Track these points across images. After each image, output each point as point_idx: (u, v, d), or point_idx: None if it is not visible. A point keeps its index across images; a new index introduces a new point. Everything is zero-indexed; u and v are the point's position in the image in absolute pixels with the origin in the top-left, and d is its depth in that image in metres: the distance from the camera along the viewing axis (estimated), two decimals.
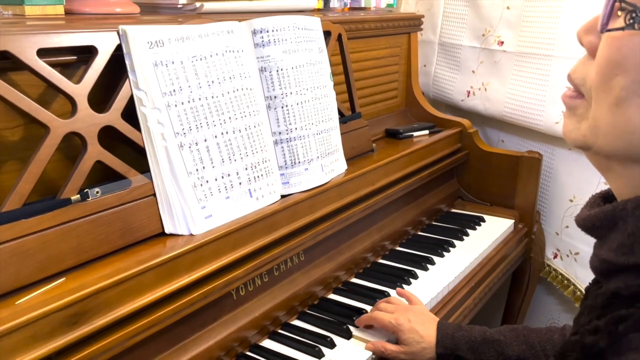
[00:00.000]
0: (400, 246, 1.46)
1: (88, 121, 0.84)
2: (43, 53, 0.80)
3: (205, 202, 0.95)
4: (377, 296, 1.18)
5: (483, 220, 1.63)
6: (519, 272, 1.70)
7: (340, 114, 1.31)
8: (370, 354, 1.03)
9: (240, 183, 1.01)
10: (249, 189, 1.03)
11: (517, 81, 1.72)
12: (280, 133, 1.11)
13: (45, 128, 0.79)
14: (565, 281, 1.72)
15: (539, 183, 1.64)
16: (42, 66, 0.79)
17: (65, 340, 0.71)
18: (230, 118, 1.01)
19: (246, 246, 0.98)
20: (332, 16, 1.47)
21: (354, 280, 1.29)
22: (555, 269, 1.75)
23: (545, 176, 1.71)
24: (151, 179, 0.91)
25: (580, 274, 1.67)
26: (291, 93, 1.11)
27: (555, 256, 1.75)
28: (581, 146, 0.56)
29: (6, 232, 0.73)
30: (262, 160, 1.06)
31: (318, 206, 1.14)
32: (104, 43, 0.87)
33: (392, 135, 1.63)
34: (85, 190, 0.82)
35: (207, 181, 0.96)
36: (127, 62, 0.88)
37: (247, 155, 1.03)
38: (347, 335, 1.07)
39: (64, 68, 0.85)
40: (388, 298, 1.15)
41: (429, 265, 1.34)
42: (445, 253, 1.41)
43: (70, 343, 0.72)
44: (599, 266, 0.56)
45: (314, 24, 1.21)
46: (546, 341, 0.95)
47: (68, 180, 0.81)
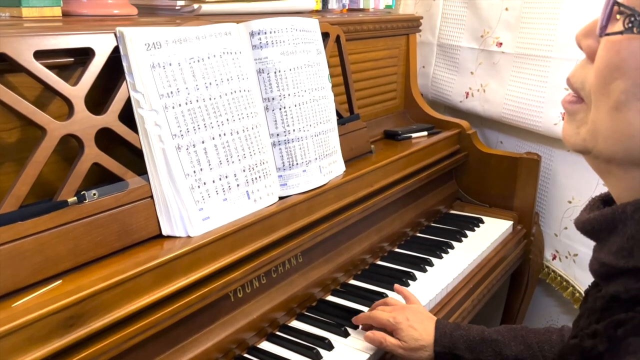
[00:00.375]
0: (398, 248, 1.45)
1: (85, 123, 0.84)
2: (40, 55, 0.79)
3: (202, 204, 0.95)
4: (376, 298, 1.18)
5: (482, 221, 1.62)
6: (518, 274, 1.70)
7: (338, 116, 1.30)
8: (368, 355, 1.02)
9: (238, 185, 1.01)
10: (247, 191, 1.03)
11: (516, 82, 1.72)
12: (278, 135, 1.11)
13: (42, 130, 0.79)
14: (564, 283, 1.71)
15: (538, 184, 1.64)
16: (39, 68, 0.79)
17: (61, 342, 0.71)
18: (228, 120, 1.00)
19: (244, 248, 0.98)
20: (331, 17, 1.47)
21: (353, 282, 1.29)
22: (554, 271, 1.75)
23: (544, 177, 1.71)
24: (148, 181, 0.91)
25: (579, 276, 1.66)
26: (289, 95, 1.11)
27: (554, 257, 1.75)
28: (581, 150, 0.56)
29: (3, 235, 0.72)
30: (260, 162, 1.06)
31: (316, 208, 1.14)
32: (101, 45, 0.86)
33: (391, 136, 1.63)
34: (82, 192, 0.82)
35: (205, 183, 0.96)
36: (125, 64, 0.88)
37: (245, 157, 1.03)
38: (345, 337, 1.07)
39: (61, 70, 0.85)
40: (386, 299, 1.15)
41: (428, 266, 1.34)
42: (443, 254, 1.41)
43: (67, 346, 0.72)
44: (599, 269, 0.56)
45: (312, 26, 1.20)
46: (544, 342, 0.95)
47: (65, 182, 0.81)
